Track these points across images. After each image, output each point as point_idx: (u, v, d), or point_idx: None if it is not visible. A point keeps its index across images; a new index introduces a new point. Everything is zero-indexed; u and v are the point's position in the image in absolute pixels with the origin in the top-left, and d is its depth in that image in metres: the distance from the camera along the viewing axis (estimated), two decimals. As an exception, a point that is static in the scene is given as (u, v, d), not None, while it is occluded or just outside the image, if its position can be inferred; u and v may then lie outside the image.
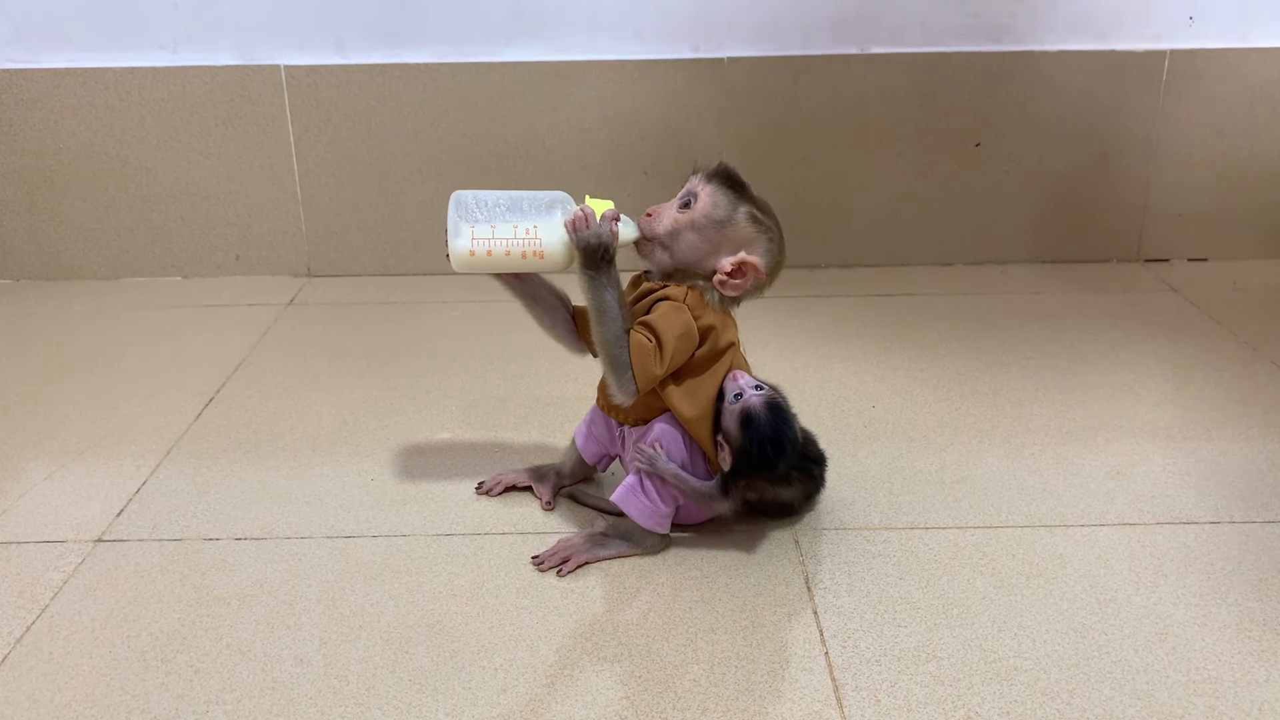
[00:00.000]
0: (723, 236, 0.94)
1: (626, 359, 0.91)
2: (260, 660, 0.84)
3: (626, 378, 0.91)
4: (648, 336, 0.91)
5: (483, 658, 0.84)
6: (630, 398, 0.92)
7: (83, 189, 1.74)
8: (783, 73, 1.70)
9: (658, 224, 0.94)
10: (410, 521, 1.04)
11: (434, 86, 1.69)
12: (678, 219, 0.94)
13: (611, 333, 0.91)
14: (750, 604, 0.91)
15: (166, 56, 1.69)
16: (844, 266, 1.81)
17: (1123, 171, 1.76)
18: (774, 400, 0.94)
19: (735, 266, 0.93)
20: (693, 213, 0.94)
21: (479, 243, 0.93)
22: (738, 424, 0.92)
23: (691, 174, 0.96)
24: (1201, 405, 1.28)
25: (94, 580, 0.96)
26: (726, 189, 0.94)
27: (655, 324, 0.91)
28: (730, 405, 0.93)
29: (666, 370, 0.92)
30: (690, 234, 0.93)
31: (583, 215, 0.91)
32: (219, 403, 1.32)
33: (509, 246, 0.93)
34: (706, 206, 0.93)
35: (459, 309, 1.62)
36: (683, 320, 0.92)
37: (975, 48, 1.70)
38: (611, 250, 0.91)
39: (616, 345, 0.91)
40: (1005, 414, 1.26)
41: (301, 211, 1.76)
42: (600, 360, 0.93)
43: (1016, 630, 0.87)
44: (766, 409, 0.92)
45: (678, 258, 0.95)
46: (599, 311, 0.91)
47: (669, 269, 0.96)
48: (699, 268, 0.95)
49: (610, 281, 0.91)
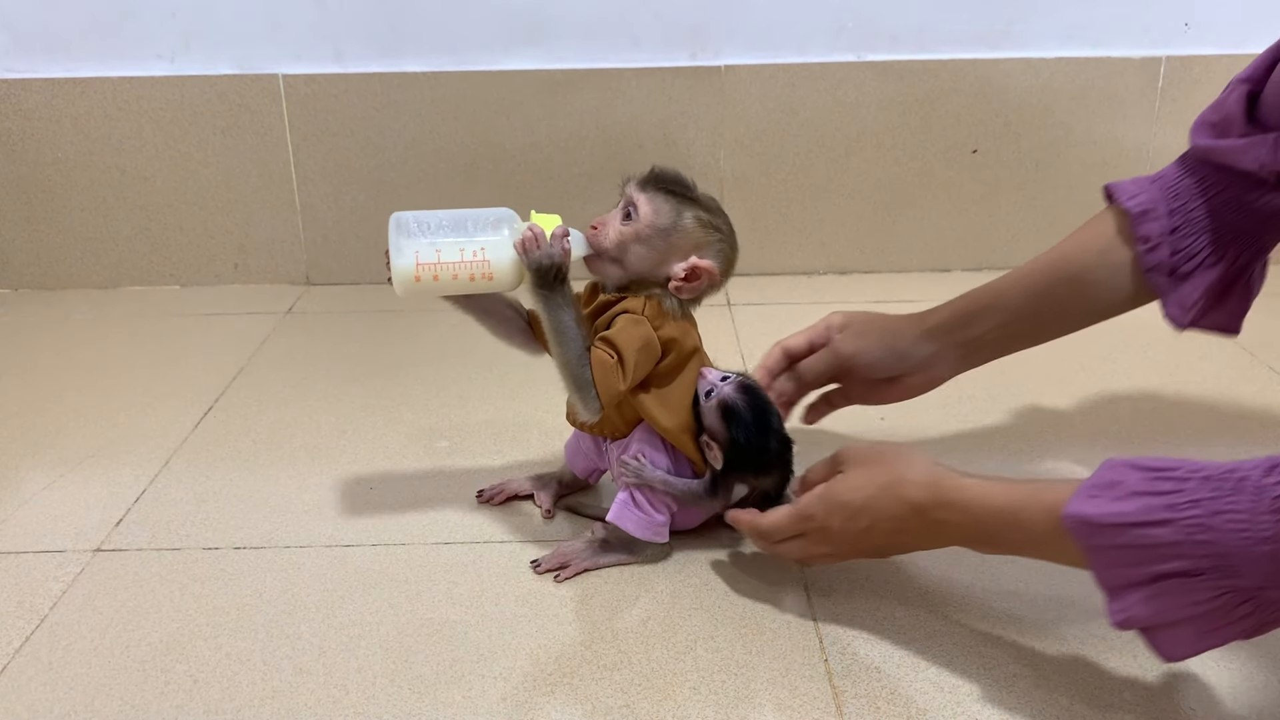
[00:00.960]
0: (670, 244, 0.92)
1: (589, 377, 0.90)
2: (259, 669, 0.84)
3: (590, 396, 0.90)
4: (609, 352, 0.89)
5: (482, 666, 0.84)
6: (595, 415, 0.91)
7: (81, 198, 1.74)
8: (780, 80, 1.70)
9: (604, 238, 0.92)
10: (409, 530, 1.04)
11: (432, 95, 1.70)
12: (622, 231, 0.91)
13: (573, 352, 0.90)
14: (750, 611, 0.91)
15: (165, 66, 1.69)
16: (841, 273, 1.81)
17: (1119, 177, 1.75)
18: (745, 384, 0.94)
19: (689, 271, 0.92)
20: (636, 224, 0.91)
21: (424, 268, 0.89)
22: (719, 419, 0.92)
23: (624, 183, 0.94)
24: (1199, 411, 1.28)
25: (93, 590, 0.96)
26: (666, 195, 0.92)
27: (615, 339, 0.90)
28: (707, 404, 0.93)
29: (630, 384, 0.91)
30: (637, 246, 0.91)
31: (532, 236, 0.88)
32: (218, 411, 1.32)
33: (456, 270, 0.89)
34: (649, 215, 0.91)
35: (458, 317, 1.62)
36: (642, 333, 0.90)
37: (972, 54, 1.70)
38: (564, 269, 0.89)
39: (578, 364, 0.90)
40: (1004, 421, 1.26)
41: (300, 220, 1.77)
42: (562, 381, 0.91)
43: (1018, 638, 0.87)
44: (742, 395, 0.92)
45: (629, 270, 0.93)
46: (557, 333, 0.90)
47: (624, 281, 0.94)
48: (652, 276, 0.93)
49: (565, 301, 0.89)
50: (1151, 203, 0.96)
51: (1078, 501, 0.69)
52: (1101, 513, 0.67)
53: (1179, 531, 0.64)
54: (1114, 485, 0.68)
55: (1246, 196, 0.93)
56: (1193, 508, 0.63)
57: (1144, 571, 0.66)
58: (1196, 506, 0.63)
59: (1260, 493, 0.60)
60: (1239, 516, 0.61)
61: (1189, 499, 0.64)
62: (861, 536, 0.86)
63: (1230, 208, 0.94)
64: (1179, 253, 0.95)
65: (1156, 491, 0.65)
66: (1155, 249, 0.95)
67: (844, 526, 0.85)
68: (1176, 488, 0.65)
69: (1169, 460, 0.67)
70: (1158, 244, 0.95)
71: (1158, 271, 0.96)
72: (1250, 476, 0.61)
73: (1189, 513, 0.63)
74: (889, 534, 0.85)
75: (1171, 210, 0.95)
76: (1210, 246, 0.95)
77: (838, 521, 0.86)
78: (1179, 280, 0.96)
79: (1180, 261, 0.95)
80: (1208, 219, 0.94)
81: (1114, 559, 0.68)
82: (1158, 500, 0.65)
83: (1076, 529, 0.69)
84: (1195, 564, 0.64)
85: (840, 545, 0.88)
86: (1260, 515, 0.60)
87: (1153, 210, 0.96)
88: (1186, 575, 0.64)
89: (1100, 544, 0.68)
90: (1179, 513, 0.64)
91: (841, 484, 0.86)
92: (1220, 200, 0.94)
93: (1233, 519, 0.61)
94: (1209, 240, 0.94)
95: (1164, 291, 0.97)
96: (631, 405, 0.95)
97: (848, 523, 0.85)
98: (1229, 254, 0.95)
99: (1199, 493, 0.64)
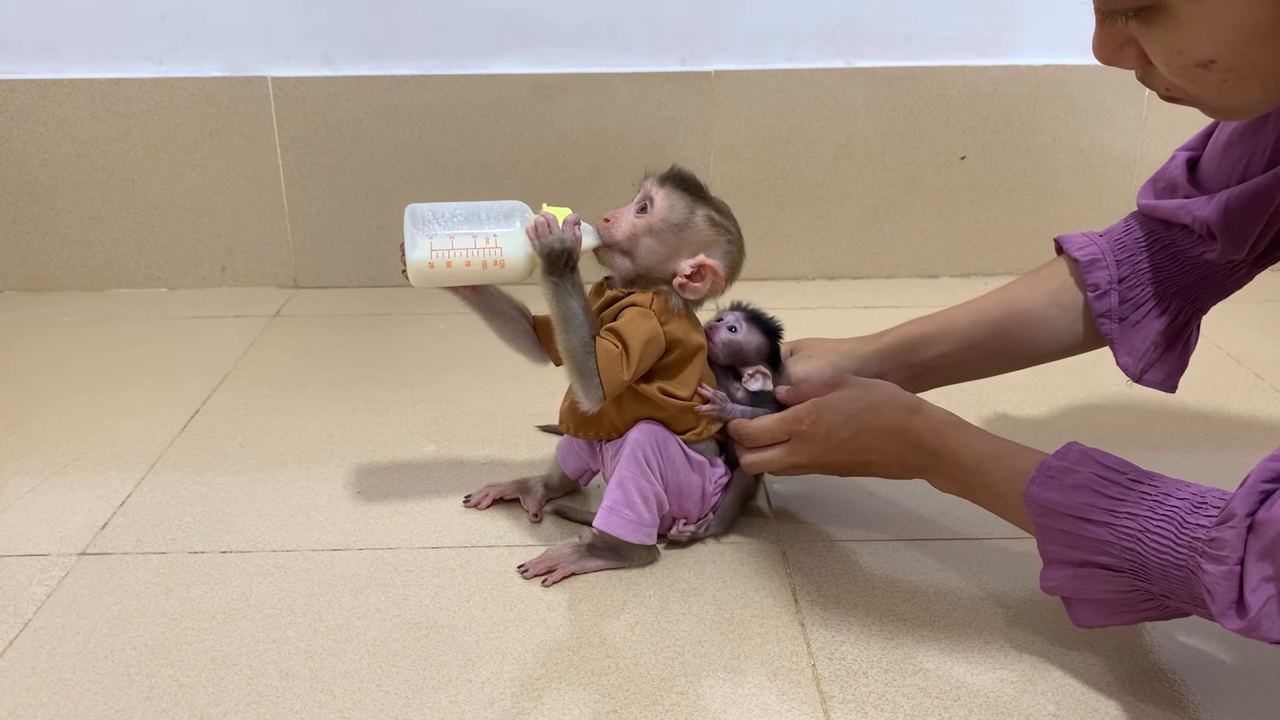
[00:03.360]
0: (681, 240, 0.94)
1: (593, 365, 0.91)
2: (245, 674, 0.84)
3: (593, 384, 0.91)
4: (614, 342, 0.91)
5: (469, 670, 0.84)
6: (596, 404, 0.92)
7: (68, 200, 1.73)
8: (769, 85, 1.71)
9: (616, 229, 0.94)
10: (397, 534, 1.04)
11: (421, 99, 1.70)
12: (635, 224, 0.94)
13: (578, 340, 0.91)
14: (737, 616, 0.91)
15: (153, 68, 1.69)
16: (830, 278, 1.82)
17: (1107, 184, 1.77)
18: (745, 309, 1.03)
19: (695, 269, 0.93)
20: (650, 217, 0.93)
21: (438, 254, 0.91)
22: (759, 332, 1.02)
23: (644, 179, 0.96)
24: (1185, 418, 1.28)
25: (78, 594, 0.95)
26: (682, 192, 0.94)
27: (621, 330, 0.91)
28: (734, 336, 1.01)
29: (633, 376, 0.92)
30: (648, 238, 0.93)
31: (544, 221, 0.91)
32: (205, 415, 1.31)
33: (469, 257, 0.92)
34: (663, 210, 0.93)
35: (446, 321, 1.62)
36: (649, 326, 0.92)
37: (960, 61, 1.71)
38: (575, 256, 0.91)
39: (583, 352, 0.91)
40: (990, 425, 1.26)
41: (288, 223, 1.76)
42: (565, 368, 0.93)
43: (1005, 643, 0.87)
44: (754, 312, 1.03)
45: (638, 263, 0.94)
46: (564, 319, 0.91)
47: (631, 275, 0.96)
48: (659, 271, 0.95)
49: (574, 288, 0.91)
50: (1100, 253, 1.02)
51: (1037, 483, 0.79)
52: (1053, 499, 0.78)
53: (1112, 534, 0.74)
54: (1068, 473, 0.78)
55: (1189, 251, 0.99)
56: (1129, 520, 0.73)
57: (1076, 555, 0.77)
58: (1132, 520, 0.73)
59: (1182, 528, 0.70)
60: (1163, 541, 0.72)
61: (1127, 510, 0.74)
62: (840, 447, 0.93)
63: (1173, 262, 1.00)
64: (1127, 301, 1.01)
65: (1103, 492, 0.76)
66: (1104, 296, 1.01)
67: (828, 433, 0.93)
68: (1121, 495, 0.75)
69: (1118, 462, 0.77)
70: (1106, 291, 1.01)
71: (1108, 318, 1.01)
72: (1178, 510, 0.71)
73: (1124, 523, 0.74)
74: (867, 449, 0.92)
75: (1119, 261, 1.01)
76: (1155, 298, 1.01)
77: (823, 428, 0.93)
78: (1129, 328, 1.02)
79: (1129, 310, 1.01)
80: (1152, 271, 1.00)
81: (1055, 538, 0.78)
82: (1102, 502, 0.75)
83: (1030, 506, 0.79)
84: (1119, 563, 0.75)
85: (817, 453, 0.95)
86: (1178, 547, 0.71)
87: (1101, 260, 1.01)
88: (1109, 569, 0.76)
89: (1047, 524, 0.78)
90: (1116, 519, 0.74)
91: (838, 395, 0.95)
92: (1164, 255, 1.00)
93: (1157, 540, 0.72)
94: (1153, 291, 1.01)
95: (1115, 339, 1.02)
96: (634, 405, 0.96)
97: (833, 430, 0.93)
98: (1172, 307, 1.01)
99: (1137, 508, 0.73)
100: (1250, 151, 0.93)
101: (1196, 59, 0.63)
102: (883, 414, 0.92)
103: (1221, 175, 0.95)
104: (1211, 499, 0.71)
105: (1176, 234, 0.99)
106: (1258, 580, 0.66)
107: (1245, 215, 0.93)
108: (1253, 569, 0.66)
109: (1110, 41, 0.68)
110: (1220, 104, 0.69)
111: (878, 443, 0.91)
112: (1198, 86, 0.65)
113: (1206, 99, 0.68)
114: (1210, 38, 0.62)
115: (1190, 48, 0.63)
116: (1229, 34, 0.61)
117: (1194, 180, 0.98)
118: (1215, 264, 0.98)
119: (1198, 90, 0.66)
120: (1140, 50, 0.66)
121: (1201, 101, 0.69)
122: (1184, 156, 0.99)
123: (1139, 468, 0.77)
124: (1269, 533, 0.65)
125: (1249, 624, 0.66)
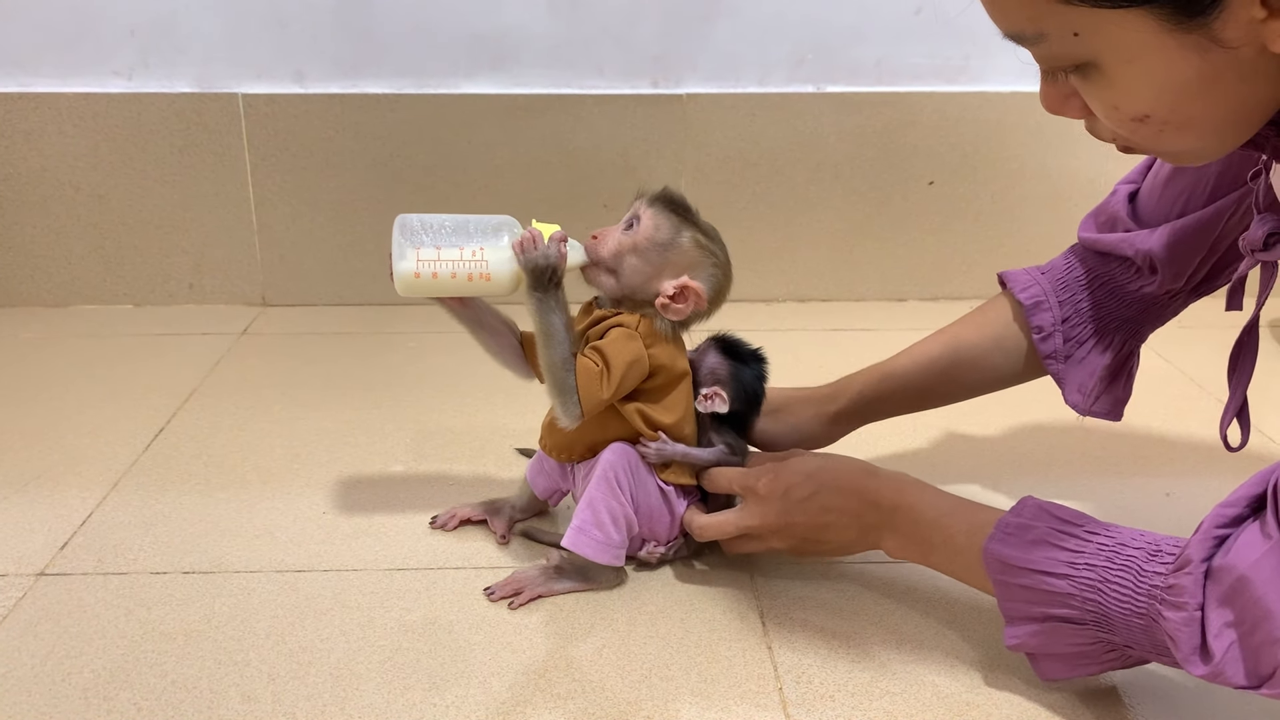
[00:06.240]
0: (665, 260, 0.94)
1: (572, 383, 0.91)
2: (206, 697, 0.83)
3: (572, 401, 0.91)
4: (595, 361, 0.91)
5: (434, 694, 0.83)
6: (574, 422, 0.92)
7: (33, 215, 1.71)
8: (740, 109, 1.72)
9: (602, 247, 0.95)
10: (362, 556, 1.03)
11: (393, 118, 1.69)
12: (621, 241, 0.94)
13: (558, 356, 0.91)
14: (705, 640, 0.91)
15: (122, 83, 1.67)
16: (800, 301, 1.83)
17: (1073, 210, 1.78)
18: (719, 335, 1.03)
19: (677, 290, 0.94)
20: (635, 235, 0.94)
21: (424, 264, 0.92)
22: (719, 354, 1.00)
23: (635, 199, 0.97)
24: (1150, 443, 1.30)
25: (35, 615, 0.93)
26: (669, 212, 0.95)
27: (605, 349, 0.92)
28: (700, 347, 1.02)
29: (613, 395, 0.92)
30: (633, 257, 0.94)
31: (530, 237, 0.91)
32: (169, 434, 1.30)
33: (455, 269, 0.92)
34: (649, 229, 0.94)
35: (415, 340, 1.61)
36: (634, 348, 0.92)
37: (929, 88, 1.73)
38: (559, 272, 0.91)
39: (563, 369, 0.91)
40: (957, 449, 1.27)
41: (257, 240, 1.75)
42: (545, 384, 0.93)
43: (969, 667, 0.87)
44: (723, 338, 1.02)
45: (623, 281, 0.95)
46: (545, 334, 0.91)
47: (617, 294, 0.96)
48: (643, 291, 0.95)
49: (557, 304, 0.92)
50: (1043, 294, 1.04)
51: (996, 539, 0.80)
52: (1013, 554, 0.78)
53: (1073, 586, 0.75)
54: (1026, 529, 0.79)
55: (1127, 286, 1.02)
56: (1088, 571, 0.75)
57: (1039, 610, 0.78)
58: (1092, 571, 0.74)
59: (1140, 577, 0.72)
60: (1122, 591, 0.73)
61: (1086, 562, 0.75)
62: (798, 507, 0.92)
63: (1113, 298, 1.03)
64: (1070, 339, 1.03)
65: (1061, 545, 0.77)
66: (1049, 338, 1.04)
67: (786, 492, 0.92)
68: (1079, 547, 0.76)
69: (1074, 514, 0.79)
70: (1050, 333, 1.04)
71: (1054, 359, 1.04)
72: (1135, 559, 0.73)
73: (1084, 574, 0.75)
74: (825, 509, 0.91)
75: (1061, 301, 1.04)
76: (1096, 335, 1.03)
77: (781, 486, 0.92)
78: (1074, 365, 1.04)
79: (1073, 348, 1.04)
80: (1093, 309, 1.03)
81: (1016, 595, 0.79)
82: (1061, 555, 0.76)
83: (989, 562, 0.80)
84: (1081, 615, 0.75)
85: (773, 513, 0.93)
86: (1138, 596, 0.72)
87: (1044, 302, 1.04)
88: (1072, 622, 0.76)
89: (1007, 580, 0.79)
90: (1076, 571, 0.75)
91: (795, 459, 0.95)
92: (1104, 291, 1.03)
93: (1117, 590, 0.73)
94: (1094, 329, 1.03)
95: (1062, 378, 1.05)
96: (615, 427, 0.96)
97: (791, 488, 0.92)
98: (1115, 341, 1.04)
99: (1095, 559, 0.75)
100: (1192, 187, 0.96)
101: (1132, 114, 0.65)
102: (840, 474, 0.93)
103: (1162, 209, 0.98)
104: (1166, 546, 0.72)
105: (1115, 268, 1.02)
106: (1219, 626, 0.67)
107: (1189, 248, 0.96)
108: (1213, 615, 0.67)
109: (1055, 94, 0.70)
110: (1163, 151, 0.70)
111: (836, 501, 0.91)
112: (1139, 137, 0.67)
113: (1149, 149, 0.70)
114: (1142, 94, 0.63)
115: (1125, 103, 0.65)
116: (1159, 91, 0.63)
117: (1134, 214, 1.01)
118: (1154, 296, 1.01)
119: (1139, 140, 0.68)
120: (1084, 102, 0.68)
121: (1146, 150, 0.70)
122: (1125, 190, 1.02)
123: (1094, 519, 0.78)
124: (1227, 579, 0.66)
125: (1213, 670, 0.67)
